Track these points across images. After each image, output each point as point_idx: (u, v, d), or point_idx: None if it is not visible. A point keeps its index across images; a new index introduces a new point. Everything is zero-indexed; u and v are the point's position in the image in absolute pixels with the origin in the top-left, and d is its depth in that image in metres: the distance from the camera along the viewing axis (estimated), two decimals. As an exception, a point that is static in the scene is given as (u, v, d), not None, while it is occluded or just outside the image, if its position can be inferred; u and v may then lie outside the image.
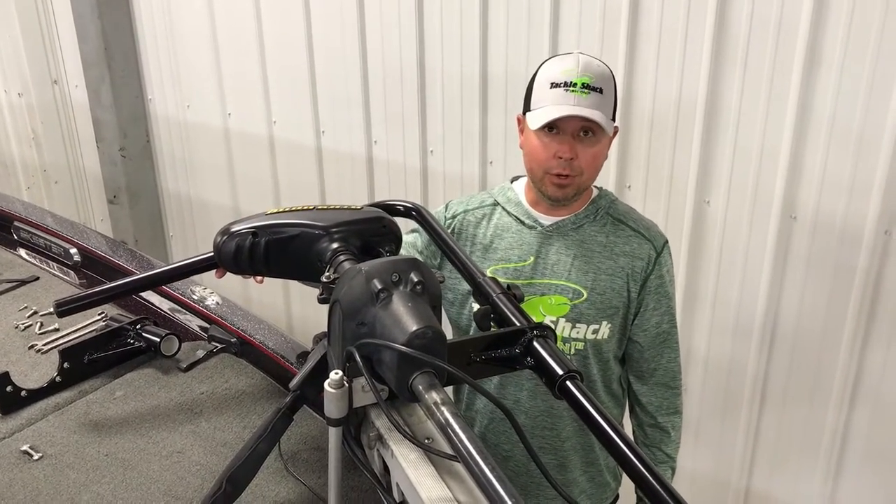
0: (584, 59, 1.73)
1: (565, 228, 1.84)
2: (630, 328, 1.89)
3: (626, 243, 1.83)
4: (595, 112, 1.68)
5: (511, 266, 1.83)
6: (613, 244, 1.83)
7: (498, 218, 1.88)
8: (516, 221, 1.86)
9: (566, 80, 1.70)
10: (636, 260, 1.83)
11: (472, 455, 0.93)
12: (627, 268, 1.82)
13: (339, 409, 1.05)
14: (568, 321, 1.81)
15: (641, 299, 1.86)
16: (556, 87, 1.71)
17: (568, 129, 1.71)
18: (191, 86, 4.00)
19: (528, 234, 1.84)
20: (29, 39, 4.67)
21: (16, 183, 5.28)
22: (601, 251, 1.82)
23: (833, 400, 2.48)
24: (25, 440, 1.55)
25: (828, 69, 2.22)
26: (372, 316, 1.07)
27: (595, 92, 1.69)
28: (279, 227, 1.32)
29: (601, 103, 1.70)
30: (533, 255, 1.83)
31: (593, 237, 1.83)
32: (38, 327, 1.99)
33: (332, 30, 3.29)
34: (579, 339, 1.83)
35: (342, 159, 3.48)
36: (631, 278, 1.83)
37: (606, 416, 1.06)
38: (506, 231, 1.86)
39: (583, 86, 1.68)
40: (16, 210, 2.57)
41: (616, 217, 1.86)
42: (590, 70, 1.70)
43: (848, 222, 2.31)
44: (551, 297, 1.81)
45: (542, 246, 1.83)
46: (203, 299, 2.03)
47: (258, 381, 1.78)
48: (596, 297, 1.81)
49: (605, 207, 1.87)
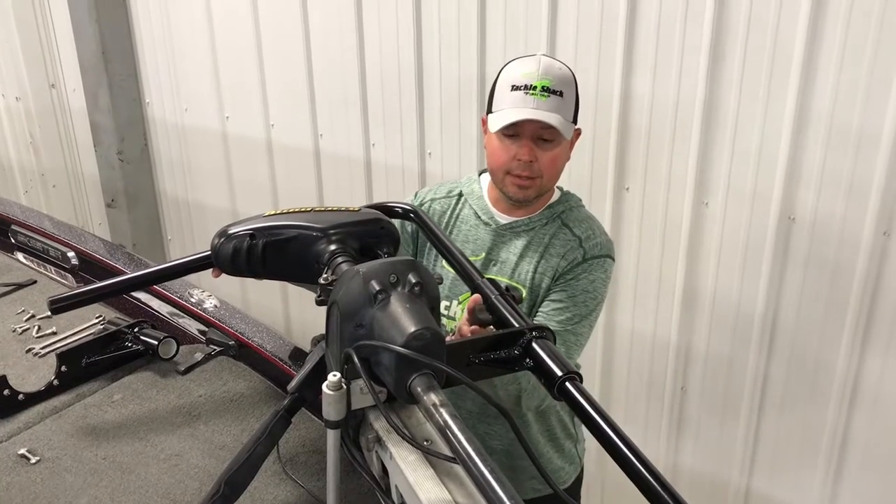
0: (546, 61, 1.75)
1: (518, 229, 1.88)
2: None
3: (563, 245, 1.86)
4: (553, 115, 1.71)
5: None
6: (552, 246, 1.86)
7: (461, 209, 1.95)
8: (475, 216, 1.92)
9: (526, 82, 1.73)
10: (562, 260, 1.85)
11: (472, 457, 0.92)
12: (555, 267, 1.85)
13: (338, 412, 1.05)
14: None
15: (550, 289, 1.86)
16: (516, 89, 1.73)
17: (527, 133, 1.74)
18: (189, 89, 4.00)
19: (483, 229, 1.90)
20: (27, 44, 4.67)
21: (14, 187, 5.28)
22: (542, 252, 1.86)
23: (833, 400, 2.48)
24: (23, 444, 1.55)
25: (825, 70, 2.22)
26: (370, 317, 1.07)
27: (555, 95, 1.72)
28: (276, 228, 1.32)
29: (560, 106, 1.73)
30: (484, 252, 1.89)
31: (540, 239, 1.87)
32: (36, 331, 1.98)
33: (329, 33, 3.29)
34: None
35: (340, 162, 3.48)
36: (555, 277, 1.86)
37: (606, 417, 1.05)
38: (465, 223, 1.93)
39: (542, 89, 1.71)
40: (13, 214, 2.57)
41: (565, 222, 1.89)
42: (550, 73, 1.73)
43: (846, 223, 2.31)
44: None
45: (493, 243, 1.89)
46: (201, 302, 2.03)
47: (256, 384, 1.78)
48: (533, 297, 1.86)
49: (560, 213, 1.90)
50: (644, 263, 2.74)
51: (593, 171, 2.71)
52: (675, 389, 2.82)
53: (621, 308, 2.85)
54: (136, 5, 4.05)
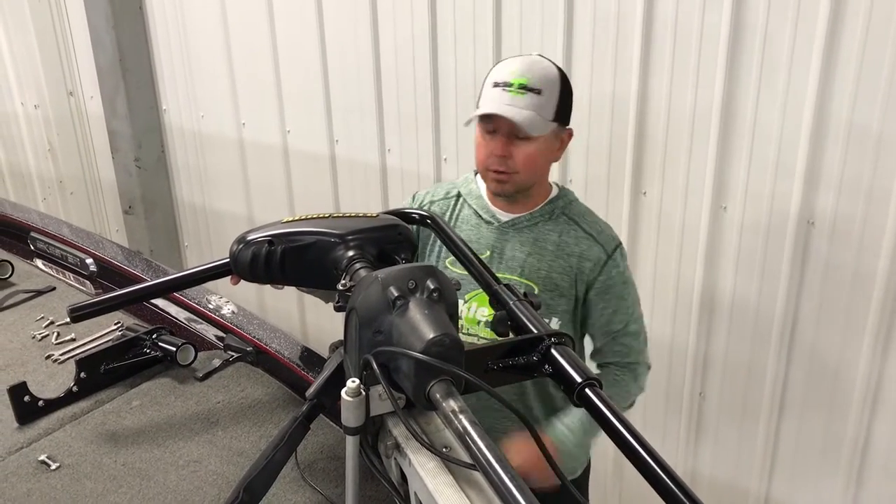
0: (531, 60, 1.77)
1: (521, 225, 1.89)
2: (581, 327, 1.95)
3: (577, 244, 1.87)
4: (524, 112, 1.72)
5: None
6: (565, 244, 1.87)
7: (460, 209, 1.95)
8: (475, 215, 1.92)
9: (505, 79, 1.74)
10: (585, 261, 1.87)
11: (492, 464, 0.92)
12: (576, 267, 1.87)
13: (357, 418, 1.05)
14: None
15: (590, 300, 1.90)
16: (496, 86, 1.75)
17: (502, 129, 1.75)
18: (205, 96, 4.02)
19: (485, 228, 1.90)
20: (45, 52, 4.71)
21: (32, 194, 5.32)
22: (553, 249, 1.87)
23: (854, 406, 2.45)
24: (43, 450, 1.56)
25: (844, 73, 2.20)
26: (389, 324, 1.07)
27: (532, 93, 1.73)
28: (295, 235, 1.32)
29: (536, 104, 1.73)
30: (489, 250, 1.89)
31: (547, 236, 1.88)
32: (55, 337, 1.99)
33: (345, 38, 3.30)
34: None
35: (356, 168, 3.49)
36: (578, 278, 1.87)
37: (627, 424, 1.04)
38: (465, 223, 1.93)
39: (519, 86, 1.73)
40: (33, 221, 2.59)
41: (570, 217, 1.90)
42: (531, 71, 1.74)
43: (867, 228, 2.29)
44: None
45: (497, 241, 1.89)
46: (219, 308, 2.04)
47: (274, 390, 1.78)
48: (546, 293, 1.86)
49: (562, 207, 1.91)
50: (661, 268, 2.72)
51: (610, 175, 2.70)
52: (694, 395, 2.80)
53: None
54: (153, 13, 4.07)
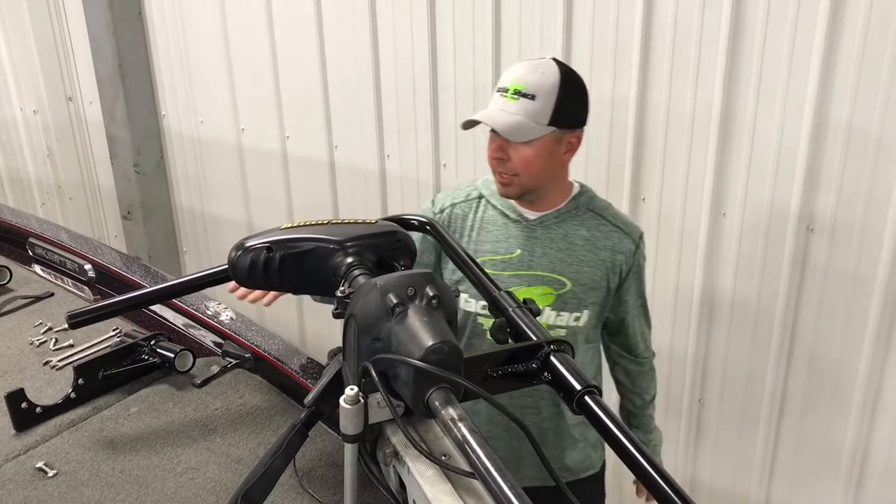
0: (535, 64, 1.80)
1: (548, 222, 1.92)
2: (610, 310, 2.01)
3: (608, 238, 1.93)
4: (511, 117, 1.76)
5: (499, 258, 1.92)
6: (596, 238, 1.93)
7: (483, 210, 1.97)
8: (501, 215, 1.95)
9: (503, 84, 1.80)
10: (617, 254, 1.93)
11: (490, 472, 0.91)
12: (608, 260, 1.93)
13: (355, 426, 1.04)
14: (553, 309, 1.92)
15: (622, 289, 1.98)
16: (497, 90, 1.82)
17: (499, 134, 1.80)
18: (204, 102, 4.02)
19: (513, 227, 1.93)
20: (44, 57, 4.72)
21: (31, 199, 5.32)
22: (583, 244, 1.92)
23: (854, 411, 2.45)
24: (40, 457, 1.55)
25: (843, 79, 2.20)
26: (387, 331, 1.06)
27: (525, 98, 1.77)
28: (294, 241, 1.32)
29: (528, 110, 1.76)
30: (519, 248, 1.92)
31: (576, 231, 1.92)
32: (53, 343, 1.99)
33: (344, 45, 3.30)
34: (562, 325, 1.93)
35: (355, 174, 3.49)
36: (611, 270, 1.94)
37: (626, 432, 1.04)
38: (492, 224, 1.95)
39: (514, 91, 1.78)
40: (31, 226, 2.58)
41: (596, 212, 1.95)
42: (530, 77, 1.78)
43: (866, 234, 2.29)
44: (537, 287, 1.91)
45: (527, 239, 1.92)
46: (217, 315, 2.03)
47: (273, 397, 1.77)
48: (578, 287, 1.91)
49: (586, 203, 1.95)
50: (661, 274, 2.72)
51: (609, 181, 2.70)
52: (693, 401, 2.79)
53: (638, 319, 2.83)
54: (153, 19, 4.08)
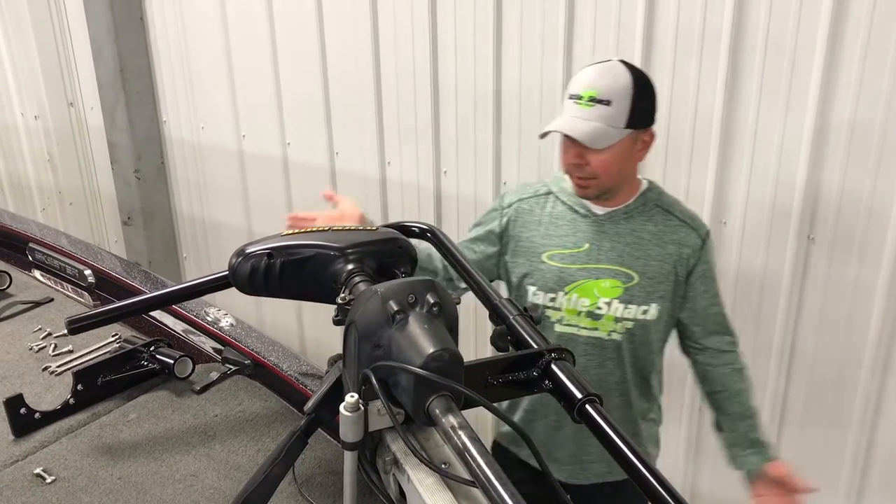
0: (605, 69, 1.82)
1: (617, 218, 1.95)
2: (681, 310, 2.01)
3: (674, 232, 1.96)
4: (589, 124, 1.78)
5: (567, 252, 1.95)
6: (663, 233, 1.95)
7: (552, 206, 2.00)
8: (570, 210, 1.98)
9: (577, 91, 1.81)
10: (684, 247, 1.95)
11: (491, 480, 0.91)
12: (675, 254, 1.95)
13: (355, 433, 1.04)
14: (621, 302, 1.94)
15: (690, 284, 1.98)
16: (570, 98, 1.83)
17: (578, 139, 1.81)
18: (205, 108, 4.02)
19: (582, 222, 1.96)
20: (46, 63, 4.72)
21: (31, 204, 5.32)
22: (651, 239, 1.94)
23: (854, 423, 2.44)
24: (38, 463, 1.54)
25: (845, 88, 2.21)
26: (388, 338, 1.06)
27: (601, 104, 1.78)
28: (294, 248, 1.31)
29: (605, 115, 1.78)
30: (588, 242, 1.95)
31: (643, 226, 1.95)
32: (52, 349, 1.98)
33: (345, 51, 3.31)
34: (630, 318, 1.95)
35: (356, 180, 3.49)
36: (678, 264, 1.95)
37: (627, 440, 1.04)
38: (560, 219, 1.98)
39: (589, 99, 1.79)
40: (31, 231, 2.58)
41: (664, 208, 1.98)
42: (601, 82, 1.79)
43: (867, 243, 2.29)
44: (605, 280, 1.94)
45: (595, 233, 1.95)
46: (217, 321, 2.02)
47: (272, 404, 1.77)
48: (646, 280, 1.93)
49: (654, 199, 1.98)
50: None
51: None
52: (693, 410, 2.79)
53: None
54: (154, 25, 4.08)
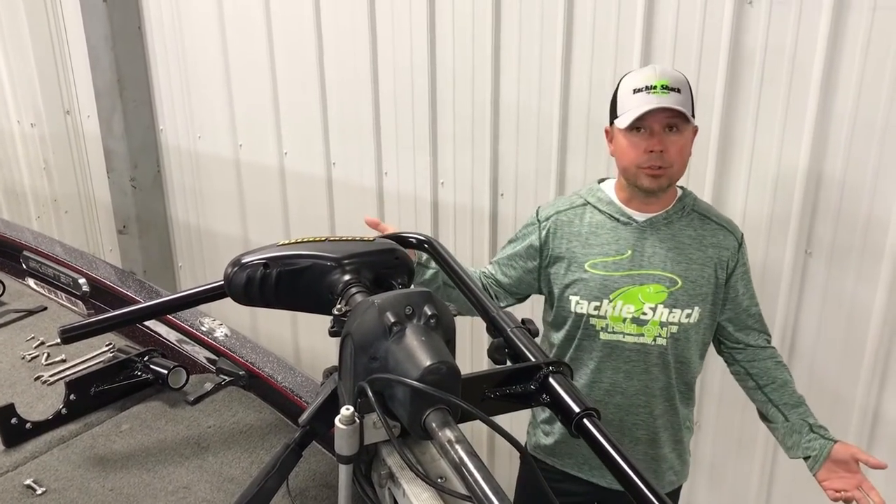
0: (661, 67, 1.93)
1: (658, 224, 1.99)
2: (722, 312, 2.06)
3: (713, 236, 2.01)
4: (672, 104, 1.85)
5: (610, 259, 1.98)
6: (702, 237, 2.00)
7: (590, 216, 2.03)
8: (610, 219, 2.01)
9: (646, 84, 1.87)
10: (723, 250, 2.00)
11: (487, 495, 0.90)
12: (715, 257, 1.99)
13: (350, 446, 1.03)
14: (665, 307, 1.97)
15: (730, 286, 2.03)
16: (638, 91, 1.88)
17: (654, 127, 1.87)
18: (202, 117, 4.01)
19: (623, 229, 1.99)
20: (43, 70, 4.71)
21: (26, 212, 5.30)
22: (691, 243, 1.99)
23: (851, 438, 2.43)
24: (29, 474, 1.53)
25: (843, 100, 2.21)
26: (384, 350, 1.05)
27: (674, 91, 1.86)
28: (290, 258, 1.30)
29: (680, 100, 1.86)
30: (630, 249, 1.98)
31: (683, 231, 1.99)
32: (45, 358, 1.97)
33: (343, 62, 3.30)
34: (675, 322, 1.98)
35: (352, 191, 3.48)
36: (719, 266, 2.00)
37: (625, 455, 1.03)
38: (600, 228, 2.01)
39: (662, 87, 1.86)
40: (25, 239, 2.57)
41: (701, 213, 2.03)
42: (667, 75, 1.88)
43: (864, 257, 2.28)
44: (649, 286, 1.97)
45: (637, 240, 1.98)
46: (212, 331, 2.01)
47: (266, 416, 1.75)
48: (689, 284, 1.97)
49: (691, 205, 2.03)
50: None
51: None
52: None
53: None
54: (152, 33, 4.08)
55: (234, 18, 3.66)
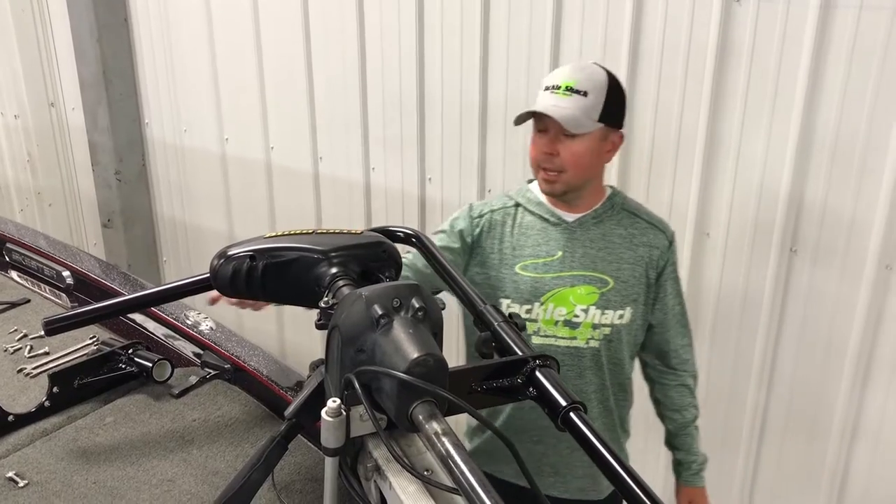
0: (581, 65, 1.90)
1: (587, 223, 1.97)
2: (652, 313, 2.05)
3: (644, 234, 1.99)
4: (566, 110, 1.80)
5: (540, 261, 1.95)
6: (633, 235, 1.98)
7: (521, 217, 2.00)
8: (540, 220, 1.98)
9: (554, 82, 1.85)
10: (654, 249, 1.99)
11: (474, 487, 0.89)
12: (646, 256, 1.98)
13: (337, 439, 1.02)
14: (598, 308, 1.95)
15: (660, 285, 2.02)
16: (546, 89, 1.87)
17: (551, 129, 1.85)
18: (188, 110, 4.00)
19: (553, 230, 1.97)
20: (27, 61, 4.68)
21: (9, 205, 5.26)
22: (622, 242, 1.97)
23: (833, 436, 2.45)
24: (11, 467, 1.51)
25: (828, 103, 2.22)
26: (372, 342, 1.05)
27: (578, 94, 1.82)
28: (277, 250, 1.30)
29: (581, 105, 1.82)
30: (560, 250, 1.96)
31: (613, 230, 1.98)
32: (28, 350, 1.95)
33: (331, 56, 3.30)
34: (607, 324, 1.97)
35: (339, 186, 3.47)
36: (649, 266, 1.99)
37: (611, 449, 1.03)
38: (530, 229, 1.98)
39: (566, 88, 1.83)
40: (8, 231, 2.54)
41: (630, 211, 2.01)
42: (579, 75, 1.84)
43: (849, 257, 2.30)
44: (580, 287, 1.95)
45: (567, 240, 1.96)
46: (197, 324, 2.00)
47: (252, 409, 1.74)
48: (621, 284, 1.96)
49: (620, 203, 2.01)
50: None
51: (594, 199, 2.70)
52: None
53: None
54: (138, 25, 4.06)
55: (221, 12, 3.65)
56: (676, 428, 2.16)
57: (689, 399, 2.15)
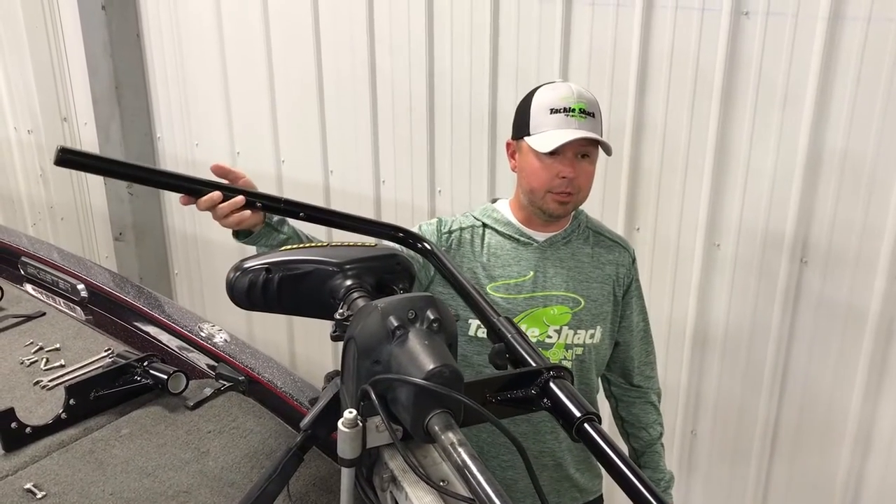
0: (576, 87, 1.87)
1: (557, 243, 1.96)
2: (617, 331, 2.04)
3: (609, 252, 2.00)
4: (593, 133, 1.83)
5: (512, 282, 1.93)
6: (599, 254, 1.99)
7: (489, 238, 1.97)
8: (509, 240, 1.95)
9: (565, 105, 1.83)
10: (619, 267, 2.00)
11: (491, 498, 0.90)
12: (613, 275, 1.99)
13: (353, 450, 1.03)
14: (570, 328, 1.94)
15: (626, 303, 2.03)
16: (556, 112, 1.83)
17: (569, 152, 1.82)
18: (200, 125, 4.02)
19: (524, 250, 1.94)
20: (40, 77, 4.71)
21: (22, 219, 5.29)
22: (589, 262, 1.97)
23: (846, 447, 2.44)
24: (29, 478, 1.53)
25: (838, 113, 2.23)
26: (388, 354, 1.06)
27: (590, 117, 1.83)
28: (293, 263, 1.31)
29: (595, 127, 1.84)
30: (532, 270, 1.93)
31: (581, 249, 1.97)
32: (44, 363, 1.97)
33: (342, 70, 3.32)
34: (580, 344, 1.95)
35: (350, 199, 3.49)
36: (616, 283, 1.99)
37: (626, 460, 1.04)
38: (500, 249, 1.95)
39: (580, 111, 1.82)
40: (23, 245, 2.57)
41: (594, 229, 2.02)
42: (584, 97, 1.84)
43: (859, 267, 2.30)
44: (553, 307, 1.92)
45: (539, 260, 1.94)
46: (211, 336, 2.02)
47: (267, 421, 1.76)
48: (591, 303, 1.95)
49: (584, 222, 2.02)
50: (654, 305, 2.70)
51: (604, 209, 2.71)
52: (686, 433, 2.78)
53: (631, 349, 2.82)
54: (150, 40, 4.09)
55: (232, 27, 3.67)
56: (642, 446, 2.14)
57: (655, 416, 2.14)
